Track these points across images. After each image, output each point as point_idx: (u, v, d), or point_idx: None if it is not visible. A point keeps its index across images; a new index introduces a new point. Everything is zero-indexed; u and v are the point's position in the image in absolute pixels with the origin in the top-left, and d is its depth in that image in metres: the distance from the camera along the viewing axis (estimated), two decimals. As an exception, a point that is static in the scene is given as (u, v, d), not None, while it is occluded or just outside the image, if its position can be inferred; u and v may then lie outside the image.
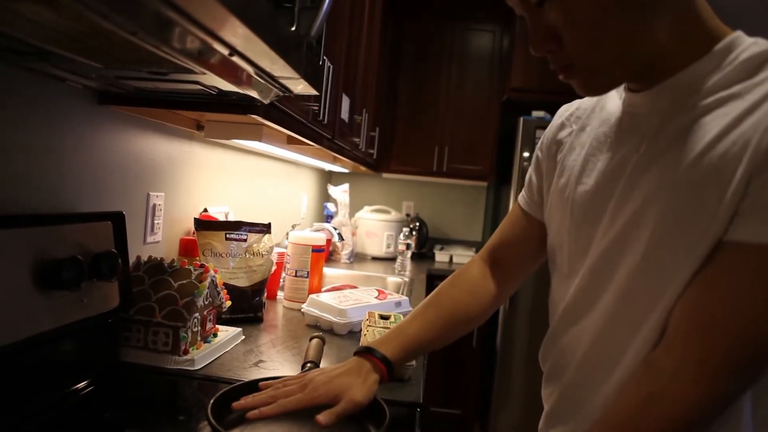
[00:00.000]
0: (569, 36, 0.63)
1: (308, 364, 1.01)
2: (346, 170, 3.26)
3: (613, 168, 0.73)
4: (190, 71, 0.77)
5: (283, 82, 0.88)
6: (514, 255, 0.99)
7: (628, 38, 0.62)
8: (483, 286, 1.00)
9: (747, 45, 0.64)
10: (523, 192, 0.97)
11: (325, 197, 3.37)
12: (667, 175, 0.64)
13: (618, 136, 0.74)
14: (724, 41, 0.64)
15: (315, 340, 1.13)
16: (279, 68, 0.79)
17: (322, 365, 1.09)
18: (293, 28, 0.76)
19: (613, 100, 0.79)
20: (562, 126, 0.88)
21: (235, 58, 0.71)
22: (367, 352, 0.91)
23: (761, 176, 0.57)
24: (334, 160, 2.53)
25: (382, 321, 1.30)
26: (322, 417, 0.78)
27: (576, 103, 0.88)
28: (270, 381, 0.91)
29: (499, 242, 1.01)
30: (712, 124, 0.62)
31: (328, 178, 3.57)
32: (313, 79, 0.91)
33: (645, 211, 0.66)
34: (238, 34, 0.62)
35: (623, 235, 0.70)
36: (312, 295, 1.53)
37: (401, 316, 1.34)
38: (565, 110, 0.90)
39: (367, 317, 1.30)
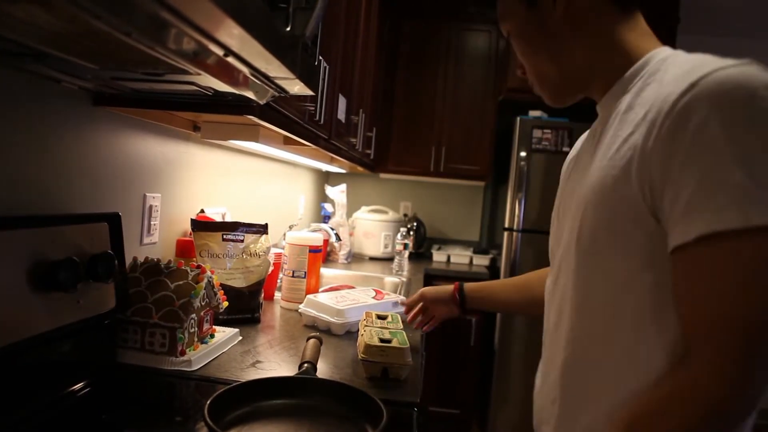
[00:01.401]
0: (523, 62, 0.84)
1: (305, 365, 1.02)
2: (343, 171, 3.26)
3: (574, 172, 0.84)
4: (186, 72, 0.77)
5: (279, 82, 0.89)
6: None
7: (557, 63, 0.79)
8: None
9: (660, 59, 0.72)
10: None
11: (323, 198, 3.37)
12: (590, 182, 0.73)
13: (584, 145, 0.86)
14: (639, 61, 0.74)
15: (312, 341, 1.13)
16: (274, 69, 0.79)
17: (319, 366, 1.09)
18: (288, 29, 0.77)
19: None
20: (571, 152, 0.97)
21: (230, 59, 0.72)
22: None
23: (669, 175, 0.60)
24: (331, 161, 2.54)
25: (379, 321, 1.30)
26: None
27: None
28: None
29: None
30: (621, 133, 0.69)
31: (326, 178, 3.57)
32: (308, 79, 0.91)
33: (583, 213, 0.73)
34: (232, 34, 0.62)
35: (570, 235, 0.76)
36: (309, 296, 1.53)
37: (398, 317, 1.34)
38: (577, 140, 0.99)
39: (365, 317, 1.30)
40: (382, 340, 1.12)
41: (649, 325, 0.66)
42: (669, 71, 0.67)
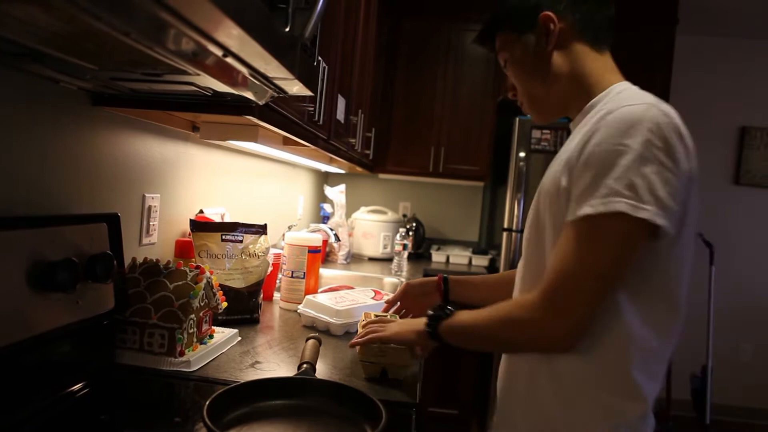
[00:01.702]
0: (517, 86, 1.06)
1: (304, 365, 1.02)
2: (342, 171, 3.26)
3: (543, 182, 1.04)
4: (184, 72, 0.77)
5: (278, 83, 0.89)
6: None
7: (544, 90, 1.00)
8: None
9: (615, 92, 0.93)
10: None
11: (322, 198, 3.37)
12: (542, 189, 0.96)
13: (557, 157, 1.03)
14: (599, 95, 0.94)
15: (311, 341, 1.13)
16: (273, 69, 0.79)
17: (318, 366, 1.09)
18: (287, 29, 0.77)
19: None
20: None
21: (229, 59, 0.72)
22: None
23: (574, 175, 0.85)
24: (331, 161, 2.54)
25: None
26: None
27: None
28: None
29: None
30: (567, 146, 0.93)
31: (325, 179, 3.57)
32: (307, 79, 0.91)
33: (538, 204, 0.96)
34: (232, 35, 0.62)
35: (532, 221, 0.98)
36: (308, 296, 1.53)
37: (397, 317, 1.34)
38: None
39: (363, 317, 1.30)
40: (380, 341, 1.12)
41: None
42: (608, 103, 0.89)
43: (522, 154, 2.95)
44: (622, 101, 0.85)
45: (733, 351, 3.83)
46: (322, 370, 1.12)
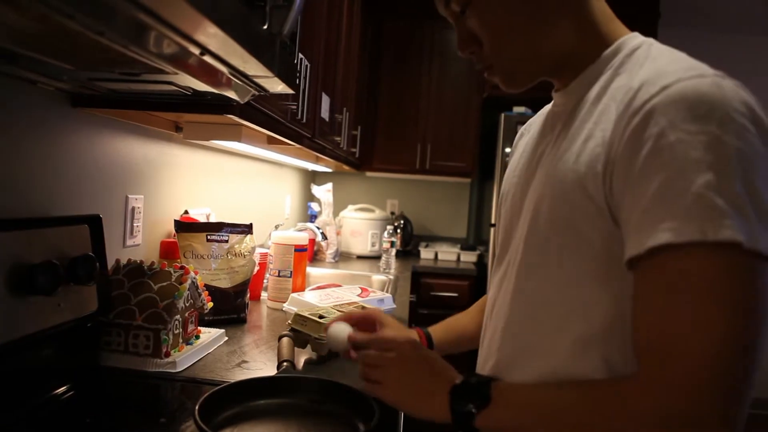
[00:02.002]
0: (485, 39, 0.73)
1: (285, 363, 1.02)
2: (329, 170, 3.25)
3: (531, 161, 0.78)
4: (162, 71, 0.77)
5: (258, 81, 0.88)
6: None
7: (532, 41, 0.71)
8: None
9: (630, 49, 0.68)
10: None
11: (309, 197, 3.37)
12: (550, 173, 0.69)
13: (541, 132, 0.80)
14: (611, 47, 0.70)
15: (284, 339, 1.14)
16: (252, 67, 0.79)
17: (302, 363, 1.09)
18: (265, 27, 0.76)
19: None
20: (521, 135, 0.93)
21: (207, 58, 0.71)
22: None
23: (628, 179, 0.58)
24: (317, 160, 2.53)
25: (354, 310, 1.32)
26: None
27: (539, 113, 0.90)
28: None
29: None
30: (588, 125, 0.66)
31: (312, 177, 3.56)
32: (287, 77, 0.91)
33: (537, 206, 0.70)
34: (208, 33, 0.62)
35: (525, 228, 0.73)
36: (293, 294, 1.53)
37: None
38: (528, 121, 0.94)
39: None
40: (319, 316, 1.18)
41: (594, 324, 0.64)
42: (643, 66, 0.64)
43: (508, 150, 2.97)
44: (671, 68, 0.59)
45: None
46: (307, 367, 1.13)
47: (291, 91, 0.98)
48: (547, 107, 0.84)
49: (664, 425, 0.53)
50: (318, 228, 2.27)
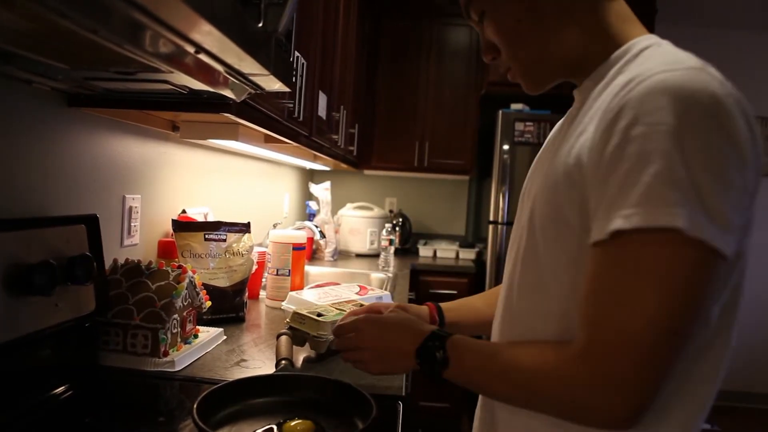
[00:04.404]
0: (501, 45, 0.78)
1: (283, 362, 1.02)
2: (327, 168, 3.25)
3: (542, 158, 0.82)
4: (158, 70, 0.77)
5: (253, 79, 0.88)
6: None
7: (541, 46, 0.75)
8: None
9: (638, 49, 0.70)
10: None
11: (307, 196, 3.36)
12: (548, 167, 0.73)
13: (558, 129, 0.83)
14: (622, 47, 0.71)
15: (283, 337, 1.14)
16: (248, 65, 0.79)
17: (301, 362, 1.09)
18: (260, 25, 0.76)
19: None
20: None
21: (203, 56, 0.71)
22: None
23: (598, 170, 0.61)
24: (315, 158, 2.53)
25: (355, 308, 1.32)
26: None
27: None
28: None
29: None
30: (585, 120, 0.69)
31: (310, 176, 3.56)
32: (283, 75, 0.91)
33: (535, 197, 0.73)
34: (202, 31, 0.61)
35: (522, 219, 0.78)
36: (292, 293, 1.53)
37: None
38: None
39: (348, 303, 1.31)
40: (318, 314, 1.18)
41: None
42: (641, 66, 0.65)
43: (506, 147, 2.97)
44: (653, 65, 0.61)
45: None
46: (306, 366, 1.13)
47: (287, 90, 0.98)
48: None
49: (588, 387, 0.60)
50: (316, 226, 2.27)
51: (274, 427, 0.78)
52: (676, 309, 0.56)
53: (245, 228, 1.54)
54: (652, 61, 0.64)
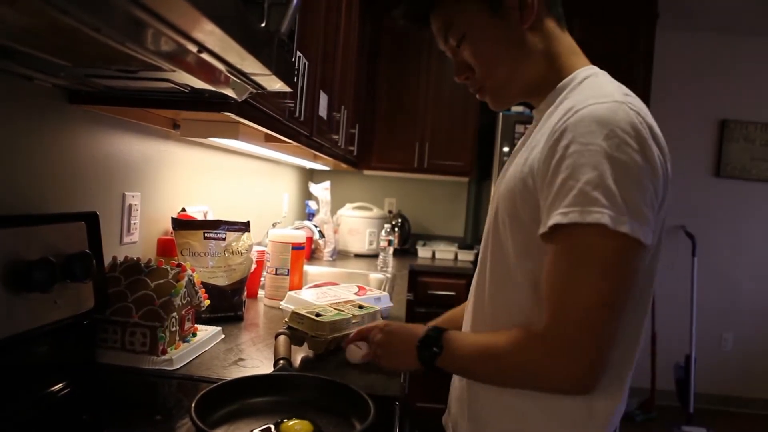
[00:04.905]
0: (477, 67, 0.91)
1: (281, 361, 1.02)
2: (327, 168, 3.25)
3: (507, 165, 0.94)
4: (160, 69, 0.76)
5: (255, 78, 0.88)
6: None
7: (514, 68, 0.89)
8: None
9: (581, 78, 0.84)
10: None
11: (307, 195, 3.36)
12: (508, 175, 0.86)
13: (521, 145, 0.93)
14: (569, 76, 0.86)
15: (281, 337, 1.14)
16: (249, 65, 0.79)
17: (299, 361, 1.09)
18: (263, 25, 0.76)
19: None
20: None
21: (205, 56, 0.71)
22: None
23: (545, 179, 0.75)
24: (315, 158, 2.53)
25: (352, 307, 1.32)
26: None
27: None
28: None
29: None
30: (537, 137, 0.83)
31: (310, 176, 3.56)
32: (285, 75, 0.91)
33: (498, 202, 0.87)
34: (205, 30, 0.61)
35: (488, 222, 0.91)
36: (290, 292, 1.53)
37: (376, 308, 1.35)
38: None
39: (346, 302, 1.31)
40: (316, 314, 1.19)
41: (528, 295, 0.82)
42: (579, 95, 0.80)
43: (506, 149, 2.97)
44: (587, 96, 0.77)
45: (715, 341, 3.89)
46: (303, 365, 1.13)
47: (289, 89, 0.98)
48: None
49: (549, 357, 0.74)
50: (315, 226, 2.27)
51: (272, 427, 0.78)
52: (612, 286, 0.71)
53: (245, 227, 1.54)
54: (588, 91, 0.79)
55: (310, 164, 2.86)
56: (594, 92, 0.78)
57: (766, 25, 3.62)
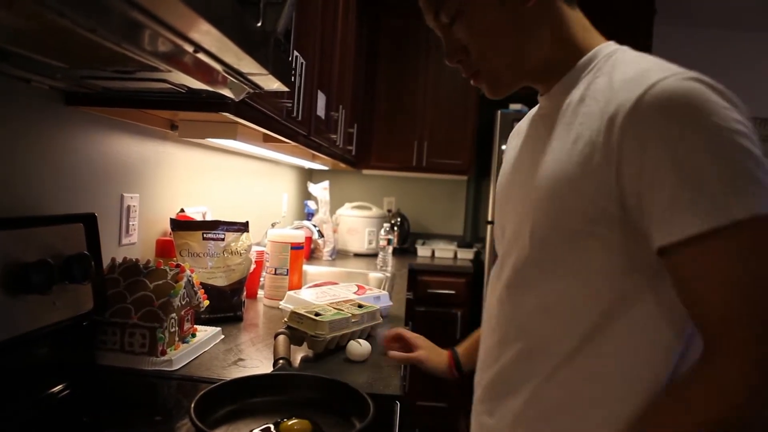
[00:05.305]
0: (473, 48, 0.78)
1: (281, 361, 1.02)
2: (326, 167, 3.25)
3: (522, 159, 0.84)
4: (156, 69, 0.76)
5: (252, 78, 0.88)
6: None
7: (517, 48, 0.77)
8: None
9: (604, 54, 0.75)
10: None
11: (306, 195, 3.36)
12: (542, 176, 0.74)
13: (530, 134, 0.85)
14: (588, 54, 0.76)
15: (281, 337, 1.14)
16: (246, 65, 0.79)
17: (298, 361, 1.09)
18: (259, 24, 0.76)
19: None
20: (512, 138, 0.97)
21: (201, 56, 0.71)
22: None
23: (643, 177, 0.62)
24: (313, 158, 2.53)
25: (351, 306, 1.33)
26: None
27: (526, 116, 0.95)
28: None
29: None
30: (575, 126, 0.71)
31: (308, 175, 3.56)
32: (282, 74, 0.91)
33: (535, 208, 0.74)
34: (201, 31, 0.61)
35: (519, 223, 0.78)
36: (290, 292, 1.53)
37: (376, 307, 1.36)
38: (517, 124, 0.97)
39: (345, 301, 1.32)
40: (316, 314, 1.19)
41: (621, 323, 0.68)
42: (618, 69, 0.70)
43: (504, 147, 2.96)
44: (646, 69, 0.66)
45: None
46: (303, 365, 1.13)
47: (286, 89, 0.98)
48: (534, 110, 0.88)
49: (760, 367, 0.58)
50: (315, 226, 2.27)
51: (272, 427, 0.79)
52: None
53: (243, 227, 1.54)
54: (641, 64, 0.67)
55: (308, 164, 2.86)
56: (650, 64, 0.67)
57: (763, 20, 3.62)
